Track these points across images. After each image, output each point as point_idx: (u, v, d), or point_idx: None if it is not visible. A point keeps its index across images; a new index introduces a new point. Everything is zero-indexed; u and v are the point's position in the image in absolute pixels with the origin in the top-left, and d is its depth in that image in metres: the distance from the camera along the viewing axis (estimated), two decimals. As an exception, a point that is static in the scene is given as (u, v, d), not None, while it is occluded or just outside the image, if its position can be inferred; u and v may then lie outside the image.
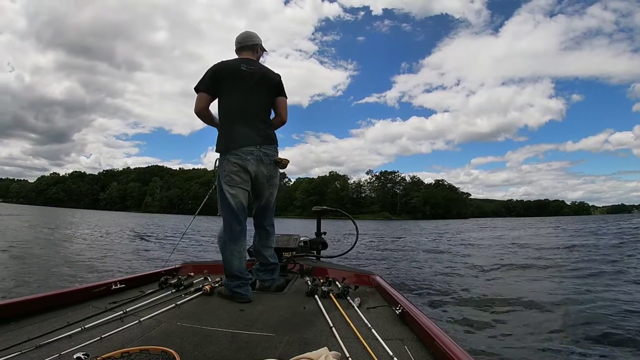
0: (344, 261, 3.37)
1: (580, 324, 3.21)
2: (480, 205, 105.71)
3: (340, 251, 3.17)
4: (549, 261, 7.44)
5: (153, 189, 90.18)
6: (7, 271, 5.45)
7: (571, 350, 2.69)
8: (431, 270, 6.56)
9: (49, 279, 5.06)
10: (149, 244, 10.86)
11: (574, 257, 8.11)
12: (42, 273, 5.41)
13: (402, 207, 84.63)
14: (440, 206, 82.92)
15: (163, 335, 1.36)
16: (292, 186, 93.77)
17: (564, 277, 5.65)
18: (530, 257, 8.22)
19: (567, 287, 4.83)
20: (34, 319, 1.48)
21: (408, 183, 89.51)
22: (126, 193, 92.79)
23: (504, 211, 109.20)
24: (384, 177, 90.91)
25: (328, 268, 2.60)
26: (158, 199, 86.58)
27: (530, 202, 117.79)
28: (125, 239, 12.62)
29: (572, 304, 3.91)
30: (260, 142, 2.10)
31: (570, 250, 9.43)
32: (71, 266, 6.17)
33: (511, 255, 8.81)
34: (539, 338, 2.95)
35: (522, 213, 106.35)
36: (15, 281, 4.76)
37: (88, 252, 8.20)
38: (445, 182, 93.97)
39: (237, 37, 2.27)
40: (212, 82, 2.09)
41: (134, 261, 7.24)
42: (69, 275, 5.35)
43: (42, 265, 6.13)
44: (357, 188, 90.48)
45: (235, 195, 2.04)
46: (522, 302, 4.04)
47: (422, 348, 1.29)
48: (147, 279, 2.24)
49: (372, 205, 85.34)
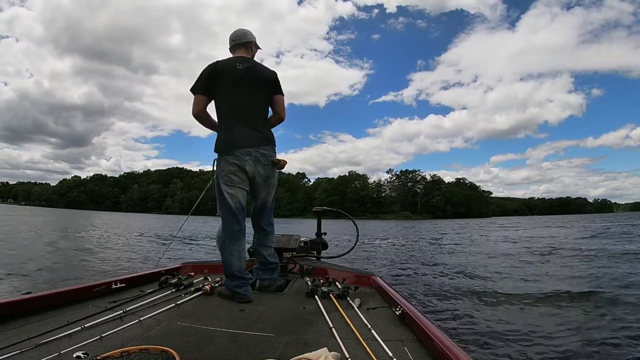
0: (344, 262, 3.37)
1: (587, 329, 3.17)
2: (501, 204, 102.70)
3: (341, 251, 3.15)
4: (563, 262, 7.29)
5: (173, 190, 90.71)
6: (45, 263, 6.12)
7: (572, 351, 2.69)
8: (438, 271, 6.46)
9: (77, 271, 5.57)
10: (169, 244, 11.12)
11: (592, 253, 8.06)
12: (73, 266, 6.11)
13: (422, 206, 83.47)
14: (462, 205, 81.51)
15: (163, 334, 1.36)
16: (311, 186, 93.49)
17: (579, 277, 5.48)
18: (543, 256, 8.13)
19: (580, 290, 4.61)
20: (34, 317, 1.48)
21: (428, 182, 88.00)
22: (147, 195, 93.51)
23: (526, 209, 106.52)
24: (405, 176, 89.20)
25: (328, 268, 2.60)
26: (178, 201, 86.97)
27: (552, 200, 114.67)
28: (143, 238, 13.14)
29: (582, 307, 3.81)
30: (258, 143, 2.10)
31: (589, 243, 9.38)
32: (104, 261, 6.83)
33: (527, 254, 8.63)
34: (541, 339, 2.92)
35: (544, 211, 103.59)
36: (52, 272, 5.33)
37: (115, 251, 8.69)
38: (466, 180, 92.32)
39: (231, 34, 2.24)
40: (208, 83, 2.06)
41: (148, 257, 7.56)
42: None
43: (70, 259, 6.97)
44: (377, 188, 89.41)
45: (234, 195, 2.04)
46: (526, 304, 4.00)
47: (422, 349, 1.28)
48: (147, 278, 2.23)
49: (392, 205, 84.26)
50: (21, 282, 4.65)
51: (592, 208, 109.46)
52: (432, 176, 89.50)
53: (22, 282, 4.65)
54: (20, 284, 4.52)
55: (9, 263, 5.99)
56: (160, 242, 11.78)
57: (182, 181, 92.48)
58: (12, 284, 4.52)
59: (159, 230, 18.38)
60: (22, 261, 6.27)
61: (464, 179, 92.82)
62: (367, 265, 7.08)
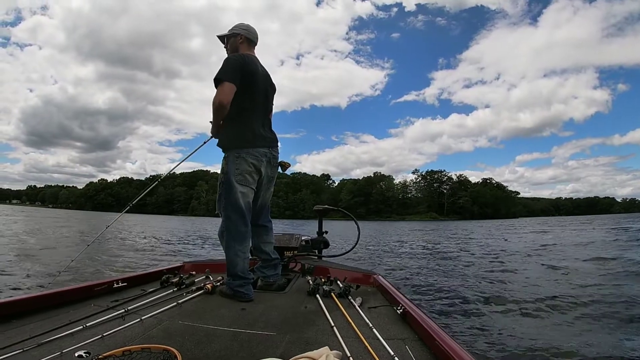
0: (346, 261, 3.32)
1: (590, 331, 3.12)
2: (528, 204, 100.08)
3: (341, 250, 3.17)
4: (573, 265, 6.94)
5: (199, 192, 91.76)
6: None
7: (574, 352, 2.67)
8: (443, 272, 6.37)
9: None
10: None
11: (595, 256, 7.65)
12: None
13: (449, 207, 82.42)
14: (489, 206, 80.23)
15: (164, 333, 1.36)
16: (336, 187, 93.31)
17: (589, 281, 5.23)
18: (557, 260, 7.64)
19: (588, 292, 4.50)
20: (36, 317, 1.47)
21: (455, 182, 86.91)
22: (173, 197, 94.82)
23: (553, 210, 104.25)
24: (430, 177, 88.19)
25: (329, 267, 2.59)
26: (204, 203, 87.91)
27: (580, 200, 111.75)
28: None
29: (588, 309, 3.73)
30: (272, 145, 2.12)
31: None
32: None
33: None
34: (543, 341, 2.90)
35: (572, 211, 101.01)
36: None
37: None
38: (493, 180, 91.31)
39: (251, 29, 2.17)
40: (239, 74, 1.96)
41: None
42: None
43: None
44: (402, 188, 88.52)
45: (246, 195, 2.01)
46: (529, 305, 3.95)
47: (423, 348, 1.28)
48: (149, 277, 2.23)
49: (418, 205, 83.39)
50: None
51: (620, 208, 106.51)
52: (458, 176, 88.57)
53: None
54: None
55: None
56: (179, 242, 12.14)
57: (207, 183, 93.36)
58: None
59: (176, 231, 18.99)
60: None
61: (491, 179, 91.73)
62: (372, 265, 7.04)
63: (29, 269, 5.51)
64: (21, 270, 5.43)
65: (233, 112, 1.99)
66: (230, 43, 2.17)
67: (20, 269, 5.50)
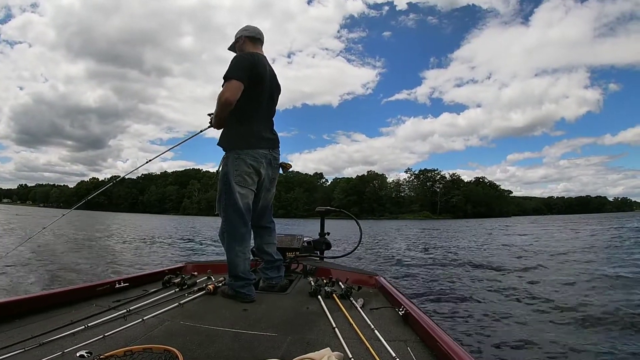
0: (347, 261, 3.37)
1: (593, 332, 3.10)
2: (521, 203, 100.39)
3: (343, 251, 3.17)
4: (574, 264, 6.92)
5: (191, 191, 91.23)
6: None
7: (575, 353, 2.67)
8: (443, 273, 6.35)
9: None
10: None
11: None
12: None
13: (442, 206, 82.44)
14: (482, 205, 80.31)
15: (166, 334, 1.36)
16: (329, 186, 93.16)
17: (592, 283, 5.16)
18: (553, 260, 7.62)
19: (589, 294, 4.43)
20: (38, 316, 1.48)
21: (448, 181, 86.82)
22: (164, 196, 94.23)
23: (545, 209, 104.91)
24: (423, 176, 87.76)
25: (331, 268, 2.59)
26: (196, 202, 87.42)
27: (572, 199, 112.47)
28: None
29: (588, 310, 3.69)
30: (273, 146, 2.12)
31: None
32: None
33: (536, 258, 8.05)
34: (546, 344, 2.87)
35: (564, 210, 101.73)
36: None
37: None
38: (486, 179, 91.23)
39: (251, 28, 2.16)
40: (247, 74, 1.95)
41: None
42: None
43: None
44: (396, 187, 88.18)
45: (245, 196, 2.01)
46: (532, 307, 3.93)
47: (425, 350, 1.27)
48: (151, 278, 2.23)
49: (412, 204, 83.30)
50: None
51: (612, 207, 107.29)
52: (451, 175, 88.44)
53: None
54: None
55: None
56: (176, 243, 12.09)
57: (199, 182, 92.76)
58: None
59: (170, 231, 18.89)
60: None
61: (484, 178, 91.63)
62: (372, 265, 7.02)
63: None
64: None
65: (236, 112, 2.00)
66: (237, 49, 2.20)
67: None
